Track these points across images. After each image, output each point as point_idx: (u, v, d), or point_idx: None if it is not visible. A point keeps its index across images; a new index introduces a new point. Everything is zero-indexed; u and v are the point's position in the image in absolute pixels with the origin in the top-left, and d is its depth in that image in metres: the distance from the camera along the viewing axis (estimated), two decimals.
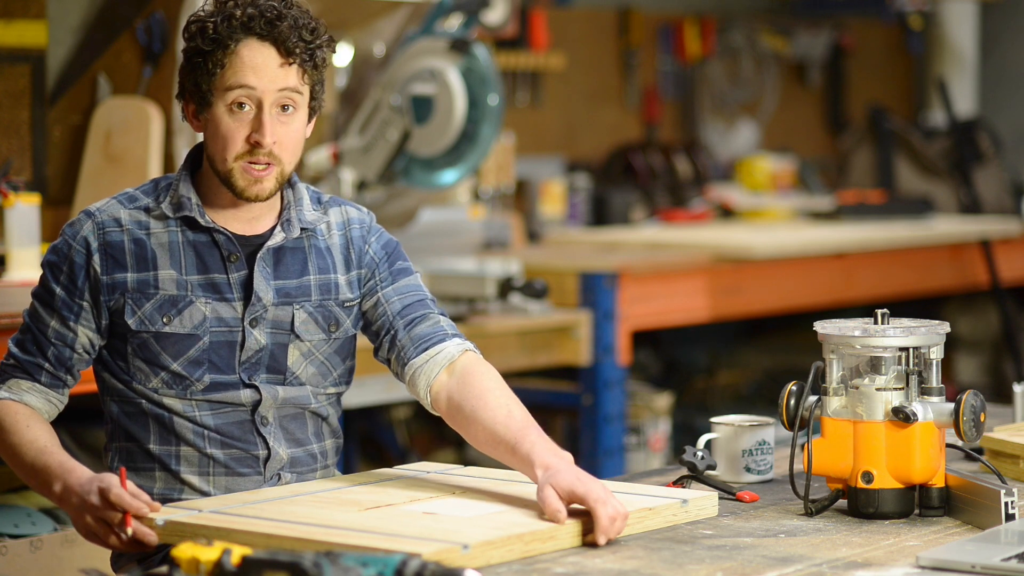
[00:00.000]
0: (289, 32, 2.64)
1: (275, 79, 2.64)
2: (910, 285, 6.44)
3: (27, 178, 4.51)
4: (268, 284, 2.72)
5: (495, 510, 2.44)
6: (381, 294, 2.78)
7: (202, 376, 2.69)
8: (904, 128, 7.55)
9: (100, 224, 2.70)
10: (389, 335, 2.76)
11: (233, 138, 2.65)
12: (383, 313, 2.77)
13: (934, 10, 8.27)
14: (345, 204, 2.84)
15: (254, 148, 2.65)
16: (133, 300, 2.68)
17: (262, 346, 2.72)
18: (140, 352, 2.69)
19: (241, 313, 2.71)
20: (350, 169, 4.88)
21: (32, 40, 4.57)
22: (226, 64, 2.64)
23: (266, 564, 2.01)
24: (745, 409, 5.02)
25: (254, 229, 2.74)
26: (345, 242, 2.80)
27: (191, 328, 2.68)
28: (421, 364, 2.73)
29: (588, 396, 5.21)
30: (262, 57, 2.64)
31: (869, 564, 2.28)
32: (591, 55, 7.06)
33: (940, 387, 2.55)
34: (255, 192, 2.67)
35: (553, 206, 6.34)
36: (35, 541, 3.82)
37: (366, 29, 5.18)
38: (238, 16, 2.63)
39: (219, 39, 2.64)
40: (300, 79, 2.66)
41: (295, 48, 2.64)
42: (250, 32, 2.64)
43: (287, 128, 2.66)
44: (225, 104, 2.65)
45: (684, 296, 5.60)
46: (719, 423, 2.86)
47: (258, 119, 2.64)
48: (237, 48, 2.64)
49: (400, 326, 2.75)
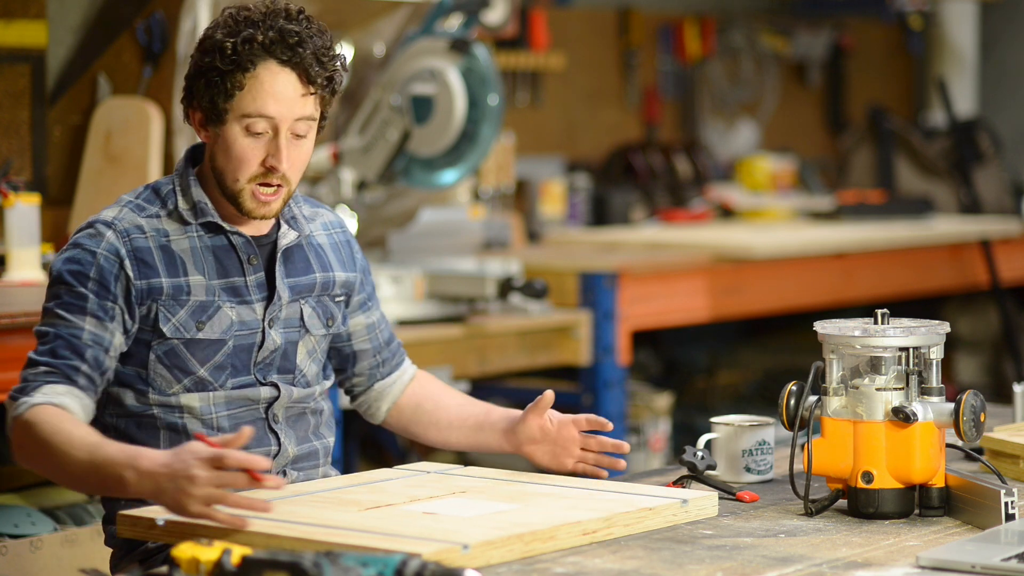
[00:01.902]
0: (312, 60, 2.61)
1: (294, 108, 2.62)
2: (910, 285, 6.44)
3: (27, 178, 4.51)
4: (284, 283, 2.74)
5: (495, 510, 2.45)
6: (363, 316, 2.90)
7: (224, 381, 2.70)
8: (904, 128, 7.55)
9: (124, 232, 2.65)
10: (366, 360, 2.93)
11: (248, 161, 2.64)
12: (363, 335, 2.91)
13: (934, 10, 8.27)
14: (319, 206, 2.89)
15: (268, 172, 2.64)
16: (166, 307, 2.65)
17: (277, 346, 2.73)
18: (166, 358, 2.67)
19: (261, 315, 2.71)
20: (350, 169, 4.88)
21: (32, 40, 4.57)
22: (245, 87, 2.61)
23: (266, 564, 2.01)
24: (745, 409, 5.02)
25: (260, 230, 2.74)
26: (333, 242, 2.85)
27: (220, 333, 2.68)
28: (389, 384, 2.96)
29: (588, 396, 5.21)
30: (282, 84, 2.61)
31: (869, 564, 2.28)
32: (591, 55, 7.06)
33: (940, 387, 2.55)
34: (262, 213, 2.68)
35: (553, 206, 6.34)
36: (35, 541, 3.82)
37: (366, 29, 5.18)
38: (259, 40, 2.60)
39: (239, 61, 2.60)
40: (316, 106, 2.66)
41: (317, 77, 2.62)
42: (271, 56, 2.61)
43: (299, 151, 2.66)
44: (241, 126, 2.63)
45: (684, 296, 5.60)
46: (719, 423, 2.86)
47: (275, 143, 2.63)
48: (257, 72, 2.61)
49: (379, 353, 2.94)
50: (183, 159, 2.76)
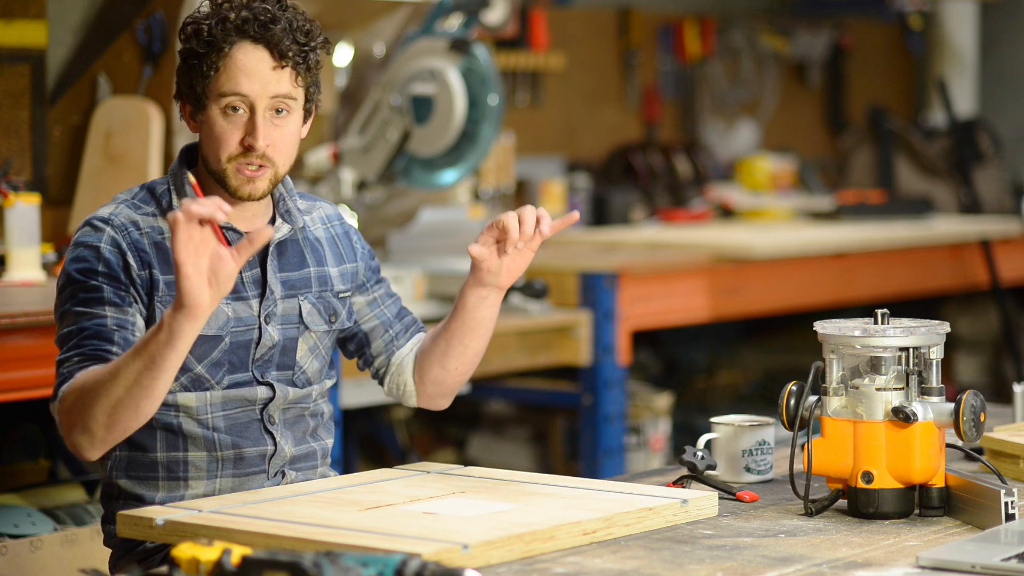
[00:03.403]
0: (282, 35, 2.64)
1: (267, 84, 2.65)
2: (910, 285, 6.44)
3: (27, 178, 4.51)
4: (276, 277, 2.75)
5: (495, 510, 2.45)
6: (362, 296, 2.89)
7: (222, 378, 2.70)
8: (904, 128, 7.55)
9: (121, 226, 2.67)
10: (379, 337, 2.90)
11: (227, 140, 2.66)
12: (367, 313, 2.89)
13: (934, 10, 8.27)
14: (317, 199, 2.90)
15: (247, 151, 2.66)
16: (163, 303, 2.65)
17: (275, 342, 2.74)
18: None
19: (257, 310, 2.72)
20: (350, 169, 4.88)
21: (32, 40, 4.57)
22: (220, 67, 2.64)
23: (266, 564, 2.01)
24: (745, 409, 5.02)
25: (253, 225, 2.74)
26: (331, 236, 2.86)
27: (216, 330, 2.68)
28: (405, 353, 2.91)
29: (588, 396, 5.21)
30: (255, 61, 2.64)
31: (869, 564, 2.28)
32: (591, 55, 7.06)
33: (940, 387, 2.55)
34: (248, 192, 2.68)
35: (553, 206, 6.34)
36: (35, 541, 3.82)
37: (366, 29, 5.18)
38: (232, 19, 2.64)
39: (213, 41, 2.64)
40: (293, 83, 2.67)
41: (288, 51, 2.65)
42: (244, 35, 2.64)
43: (281, 131, 2.68)
44: (219, 107, 2.66)
45: (684, 296, 5.60)
46: (719, 423, 2.86)
47: (251, 122, 2.65)
48: (231, 51, 2.64)
49: (390, 327, 2.91)
50: (177, 159, 2.78)
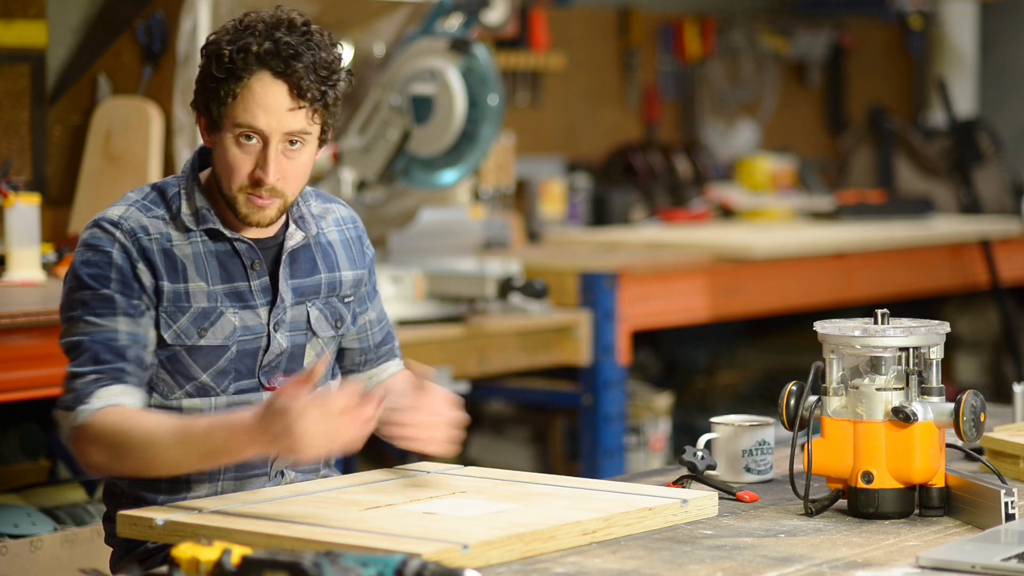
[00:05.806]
0: (304, 72, 2.58)
1: (283, 121, 2.59)
2: (910, 285, 6.44)
3: (27, 178, 4.52)
4: (287, 284, 2.72)
5: (495, 510, 2.45)
6: (367, 320, 2.87)
7: (227, 386, 2.68)
8: (904, 128, 7.55)
9: (131, 231, 2.63)
10: (354, 357, 2.89)
11: (238, 170, 2.62)
12: (354, 335, 2.87)
13: (934, 10, 8.27)
14: (333, 201, 2.86)
15: (256, 184, 2.62)
16: (168, 313, 2.63)
17: (283, 349, 2.72)
18: (168, 364, 2.65)
19: (266, 318, 2.70)
20: (350, 169, 4.88)
21: (32, 40, 4.57)
22: (238, 95, 2.58)
23: (266, 564, 2.01)
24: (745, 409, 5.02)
25: (266, 232, 2.72)
26: (344, 239, 2.82)
27: (222, 339, 2.66)
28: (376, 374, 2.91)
29: (588, 396, 5.21)
30: (272, 95, 2.58)
31: (869, 564, 2.28)
32: (591, 55, 7.06)
33: (940, 387, 2.55)
34: (256, 219, 2.65)
35: (553, 206, 6.34)
36: (35, 541, 3.82)
37: (366, 29, 5.17)
38: (254, 50, 2.57)
39: (233, 70, 2.58)
40: (310, 120, 2.61)
41: (308, 91, 2.58)
42: (264, 67, 2.58)
43: (293, 163, 2.63)
44: (233, 135, 2.60)
45: (684, 296, 5.60)
46: (719, 423, 2.86)
47: (264, 155, 2.60)
48: (250, 81, 2.58)
49: (365, 352, 2.89)
50: (190, 160, 2.74)
